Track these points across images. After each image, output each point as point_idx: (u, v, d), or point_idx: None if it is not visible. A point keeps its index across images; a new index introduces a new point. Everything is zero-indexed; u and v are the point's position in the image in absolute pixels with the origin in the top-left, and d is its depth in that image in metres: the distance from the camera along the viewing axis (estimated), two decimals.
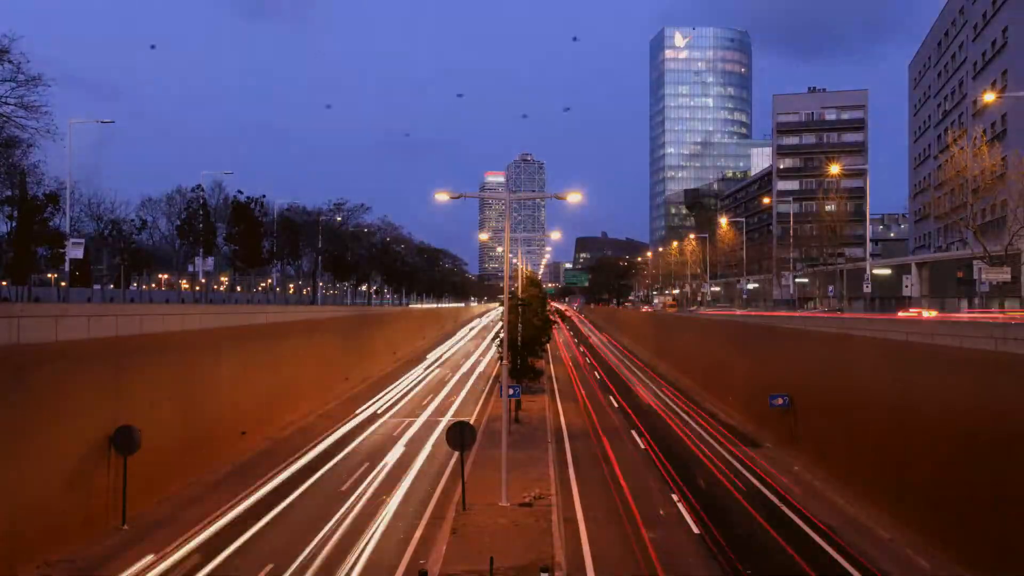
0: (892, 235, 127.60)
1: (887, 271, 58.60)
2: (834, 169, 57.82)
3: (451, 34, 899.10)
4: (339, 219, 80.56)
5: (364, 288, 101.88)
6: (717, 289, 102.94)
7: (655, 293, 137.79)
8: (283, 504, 27.99)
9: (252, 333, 39.34)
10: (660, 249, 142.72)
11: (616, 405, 54.55)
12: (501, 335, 48.26)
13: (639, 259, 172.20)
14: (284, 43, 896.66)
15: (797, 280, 71.35)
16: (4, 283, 49.84)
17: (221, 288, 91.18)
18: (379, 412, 49.61)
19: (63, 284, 51.34)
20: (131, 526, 24.54)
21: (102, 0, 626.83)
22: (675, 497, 29.46)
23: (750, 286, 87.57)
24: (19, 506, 20.42)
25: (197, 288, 63.24)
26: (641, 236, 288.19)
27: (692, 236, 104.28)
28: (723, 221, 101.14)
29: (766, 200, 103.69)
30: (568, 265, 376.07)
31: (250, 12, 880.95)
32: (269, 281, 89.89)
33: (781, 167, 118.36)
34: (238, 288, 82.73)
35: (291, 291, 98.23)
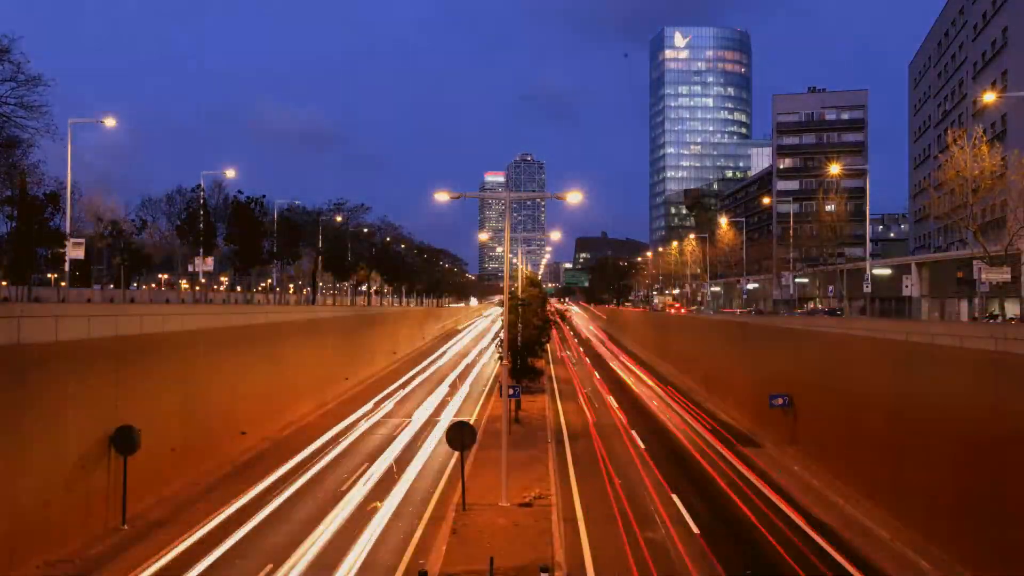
0: (892, 235, 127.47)
1: (887, 271, 58.50)
2: (834, 169, 57.71)
3: (450, 33, 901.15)
4: (339, 219, 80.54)
5: (364, 288, 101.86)
6: (717, 289, 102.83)
7: (655, 293, 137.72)
8: (282, 503, 28.00)
9: (252, 333, 39.32)
10: (660, 249, 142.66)
11: (616, 405, 54.52)
12: (501, 335, 48.26)
13: (639, 259, 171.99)
14: (283, 40, 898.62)
15: (797, 280, 71.28)
16: (4, 283, 49.80)
17: (221, 288, 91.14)
18: (379, 412, 49.59)
19: (63, 284, 51.31)
20: (131, 526, 24.54)
21: None
22: (675, 497, 29.46)
23: (750, 286, 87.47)
24: (19, 506, 20.42)
25: (197, 288, 63.20)
26: (641, 236, 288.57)
27: (692, 236, 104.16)
28: (723, 221, 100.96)
29: (766, 200, 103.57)
30: (568, 265, 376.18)
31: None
32: (269, 281, 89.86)
33: (781, 167, 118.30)
34: (238, 288, 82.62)
35: (291, 291, 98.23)
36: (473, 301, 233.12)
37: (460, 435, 26.83)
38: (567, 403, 55.27)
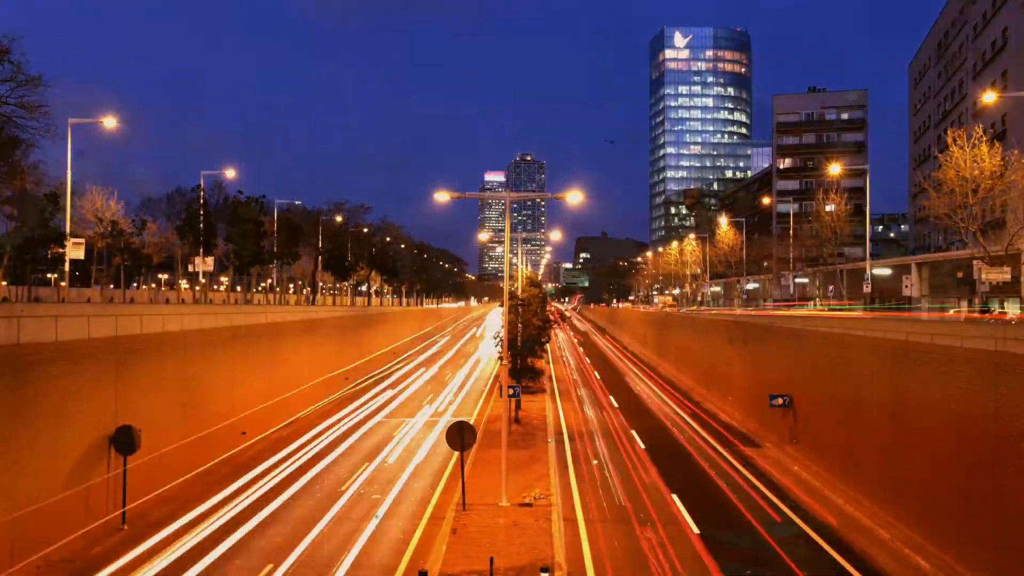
0: (892, 235, 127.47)
1: (887, 271, 58.41)
2: (834, 169, 57.66)
3: (452, 34, 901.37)
4: (339, 219, 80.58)
5: (364, 288, 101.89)
6: (717, 289, 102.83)
7: (655, 293, 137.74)
8: (282, 503, 28.00)
9: (251, 333, 39.35)
10: (660, 249, 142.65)
11: (616, 405, 54.53)
12: (501, 335, 48.27)
13: (639, 259, 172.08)
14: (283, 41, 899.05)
15: (797, 280, 71.27)
16: (4, 283, 49.80)
17: (221, 288, 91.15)
18: (378, 412, 49.58)
19: (63, 284, 51.33)
20: (131, 526, 24.54)
21: None
22: (675, 497, 29.46)
23: (750, 286, 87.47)
24: (19, 506, 20.42)
25: (197, 288, 63.19)
26: (641, 236, 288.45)
27: (692, 236, 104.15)
28: (723, 221, 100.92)
29: (766, 200, 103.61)
30: (568, 265, 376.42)
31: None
32: (269, 281, 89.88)
33: (781, 167, 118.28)
34: (238, 288, 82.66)
35: (291, 291, 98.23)
36: (473, 301, 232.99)
37: (460, 435, 26.80)
38: (567, 403, 55.27)
